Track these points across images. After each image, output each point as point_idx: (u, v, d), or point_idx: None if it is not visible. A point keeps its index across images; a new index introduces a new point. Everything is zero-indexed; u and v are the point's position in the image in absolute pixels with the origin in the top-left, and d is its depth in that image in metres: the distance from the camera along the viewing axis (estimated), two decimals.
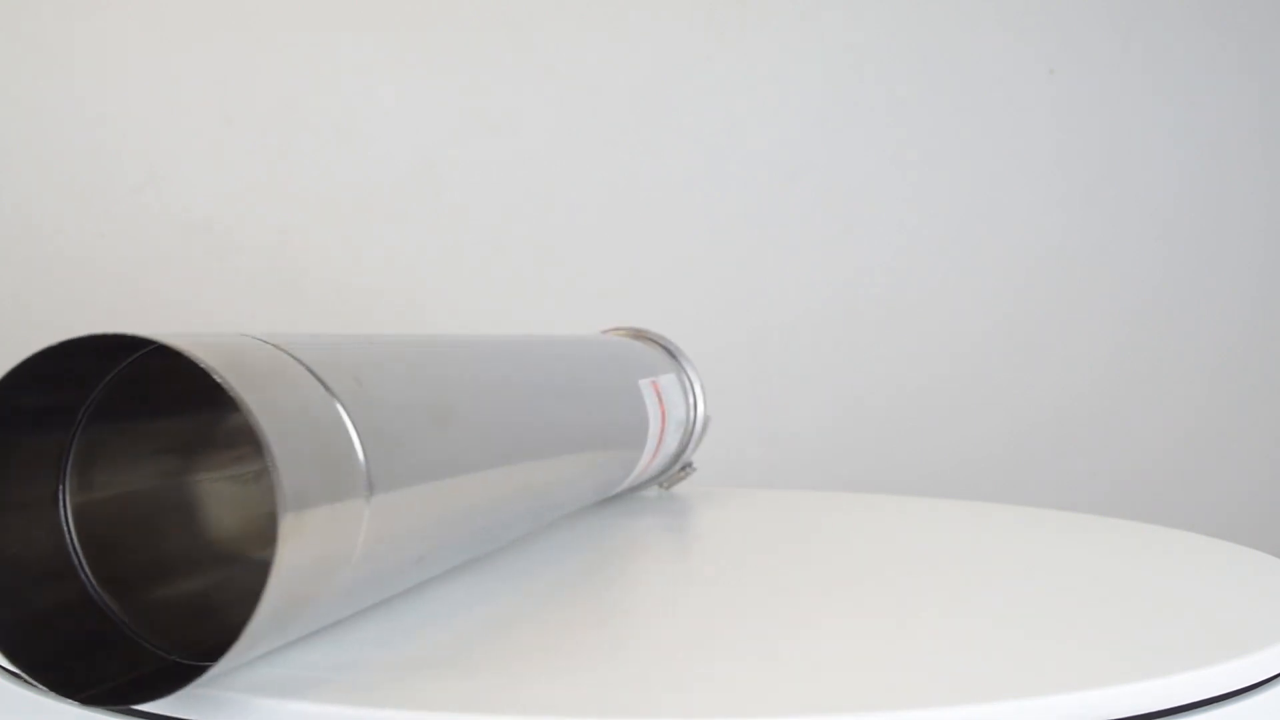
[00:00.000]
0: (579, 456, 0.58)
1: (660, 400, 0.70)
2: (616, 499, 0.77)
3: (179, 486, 0.44)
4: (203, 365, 0.34)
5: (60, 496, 0.40)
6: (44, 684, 0.35)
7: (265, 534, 0.34)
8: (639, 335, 0.78)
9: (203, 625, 0.34)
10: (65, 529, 0.40)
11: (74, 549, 0.40)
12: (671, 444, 0.73)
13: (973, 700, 0.37)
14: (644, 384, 0.68)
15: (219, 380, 0.33)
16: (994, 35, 1.28)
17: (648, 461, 0.70)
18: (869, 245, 1.27)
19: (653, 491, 0.80)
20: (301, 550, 0.34)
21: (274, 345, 0.38)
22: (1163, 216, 1.31)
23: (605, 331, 0.80)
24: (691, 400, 0.76)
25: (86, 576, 0.40)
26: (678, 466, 0.78)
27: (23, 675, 0.36)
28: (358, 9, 1.16)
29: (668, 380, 0.73)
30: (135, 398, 0.40)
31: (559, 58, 1.20)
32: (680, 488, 0.80)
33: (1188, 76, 1.31)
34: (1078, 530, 0.70)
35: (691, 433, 0.76)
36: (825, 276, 1.26)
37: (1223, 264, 1.32)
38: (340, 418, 0.37)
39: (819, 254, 1.26)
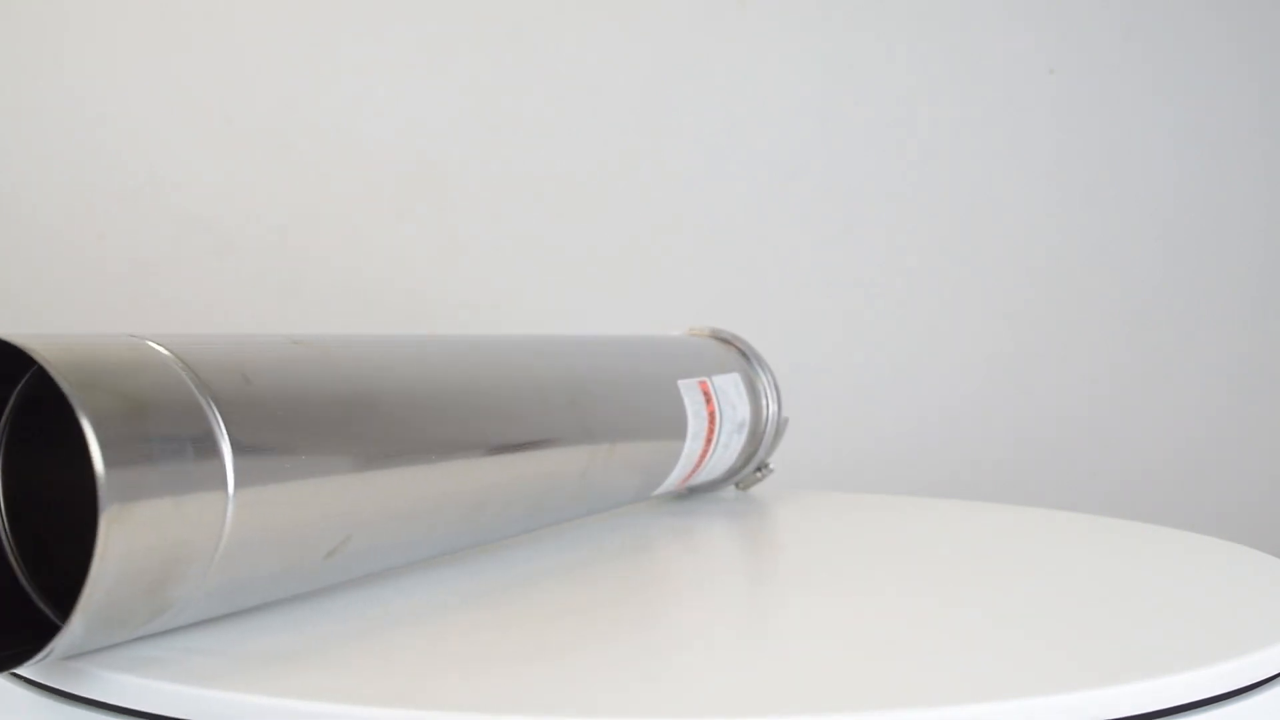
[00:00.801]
0: (558, 454, 0.58)
1: (710, 399, 0.69)
2: (685, 497, 0.77)
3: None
4: (42, 362, 0.36)
5: None
6: None
7: None
8: (713, 335, 0.78)
9: None
10: None
11: (4, 531, 0.42)
12: (734, 444, 0.73)
13: (973, 700, 0.37)
14: (685, 384, 0.68)
15: (53, 376, 0.36)
16: (994, 35, 1.28)
17: (695, 461, 0.69)
18: (869, 245, 1.27)
19: (730, 492, 0.80)
20: (133, 539, 0.36)
21: (159, 346, 0.40)
22: (1163, 216, 1.31)
23: (688, 332, 0.80)
24: (765, 402, 0.76)
25: (14, 555, 0.42)
26: (752, 467, 0.77)
27: None
28: (357, 9, 1.16)
29: (725, 380, 0.72)
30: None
31: (559, 58, 1.20)
32: (758, 489, 0.80)
33: (1188, 76, 1.31)
34: (1078, 530, 0.70)
35: (763, 434, 0.76)
36: (824, 276, 1.26)
37: (1223, 264, 1.32)
38: (205, 414, 0.39)
39: (818, 254, 1.26)
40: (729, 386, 0.72)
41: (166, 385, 0.39)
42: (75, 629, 0.36)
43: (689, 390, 0.68)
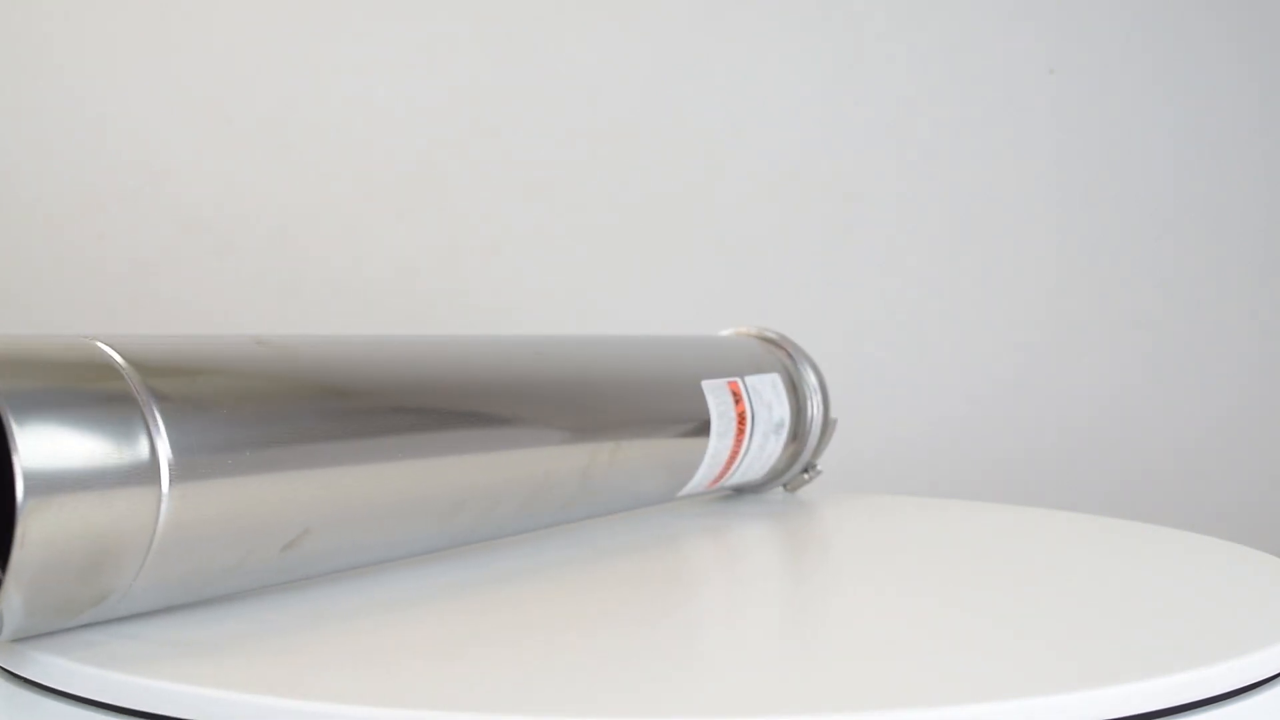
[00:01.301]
0: (550, 452, 0.58)
1: (741, 399, 0.69)
2: (730, 498, 0.77)
3: None
4: None
5: None
6: None
7: None
8: (758, 335, 0.77)
9: None
10: None
11: None
12: (771, 445, 0.72)
13: (973, 700, 0.37)
14: (711, 383, 0.68)
15: None
16: (994, 35, 1.28)
17: (725, 461, 0.69)
18: (869, 245, 1.27)
19: (777, 493, 0.79)
20: (57, 530, 0.38)
21: (106, 345, 0.42)
22: (1163, 216, 1.31)
23: (734, 333, 0.79)
24: (810, 403, 0.75)
25: None
26: (798, 469, 0.77)
27: None
28: (357, 9, 1.16)
29: (761, 380, 0.72)
30: None
31: (559, 58, 1.20)
32: (805, 490, 0.80)
33: (1188, 76, 1.31)
34: (1078, 530, 0.70)
35: (808, 435, 0.75)
36: (824, 277, 1.26)
37: (1223, 264, 1.32)
38: (140, 410, 0.41)
39: (818, 255, 1.26)
40: (765, 387, 0.72)
41: (102, 382, 0.41)
42: (14, 610, 0.39)
43: (714, 389, 0.68)
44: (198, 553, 0.43)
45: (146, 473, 0.40)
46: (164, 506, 0.41)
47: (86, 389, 0.40)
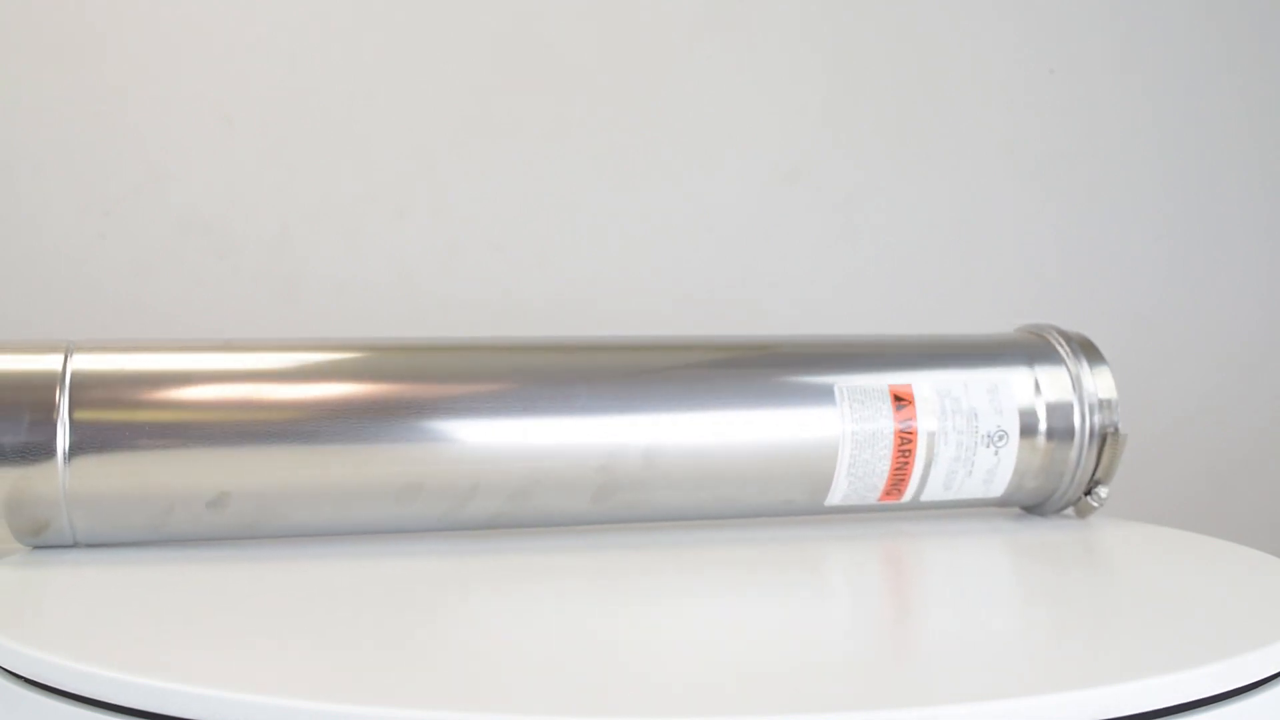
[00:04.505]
0: (525, 447, 0.59)
1: (910, 404, 0.63)
2: (1019, 516, 0.72)
3: None
4: None
5: None
6: None
7: None
8: (1028, 334, 0.70)
9: None
10: None
11: None
12: (989, 460, 0.64)
13: (973, 700, 0.37)
14: (853, 386, 0.63)
15: None
16: (994, 35, 1.28)
17: (886, 472, 0.62)
18: (869, 245, 1.27)
19: (1069, 514, 0.72)
20: None
21: (77, 344, 0.54)
22: (1163, 217, 1.31)
23: (1017, 329, 0.73)
24: (1082, 414, 0.67)
25: None
26: (1076, 488, 0.68)
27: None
28: (358, 9, 1.16)
29: (962, 384, 0.64)
30: None
31: (559, 57, 1.20)
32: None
33: (1188, 77, 1.31)
34: (1077, 530, 0.70)
35: (1072, 450, 0.67)
36: (824, 277, 1.26)
37: (1223, 264, 1.32)
38: (55, 394, 0.53)
39: (818, 254, 1.26)
40: (974, 392, 0.64)
41: (29, 374, 0.53)
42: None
43: (856, 392, 0.62)
44: (116, 502, 0.54)
45: (48, 443, 0.53)
46: (68, 467, 0.53)
47: (14, 379, 0.53)
